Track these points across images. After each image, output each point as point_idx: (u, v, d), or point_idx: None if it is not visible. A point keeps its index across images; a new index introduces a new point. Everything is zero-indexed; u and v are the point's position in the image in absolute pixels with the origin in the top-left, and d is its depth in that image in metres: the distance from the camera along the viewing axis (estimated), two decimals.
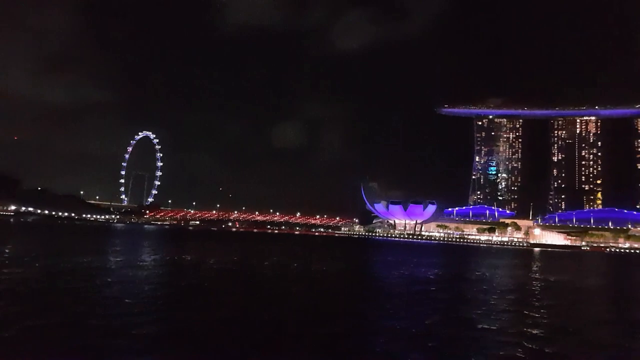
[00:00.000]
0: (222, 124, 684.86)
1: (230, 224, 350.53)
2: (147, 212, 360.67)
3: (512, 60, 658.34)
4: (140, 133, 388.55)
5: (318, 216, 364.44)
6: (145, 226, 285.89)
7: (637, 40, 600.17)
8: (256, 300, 31.03)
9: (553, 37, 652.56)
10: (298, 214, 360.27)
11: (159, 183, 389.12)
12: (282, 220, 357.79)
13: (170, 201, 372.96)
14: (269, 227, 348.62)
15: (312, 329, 23.17)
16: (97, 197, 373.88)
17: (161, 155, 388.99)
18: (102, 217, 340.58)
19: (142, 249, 73.54)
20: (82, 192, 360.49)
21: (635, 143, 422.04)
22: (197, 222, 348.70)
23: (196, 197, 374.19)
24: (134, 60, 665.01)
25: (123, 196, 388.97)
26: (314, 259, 74.75)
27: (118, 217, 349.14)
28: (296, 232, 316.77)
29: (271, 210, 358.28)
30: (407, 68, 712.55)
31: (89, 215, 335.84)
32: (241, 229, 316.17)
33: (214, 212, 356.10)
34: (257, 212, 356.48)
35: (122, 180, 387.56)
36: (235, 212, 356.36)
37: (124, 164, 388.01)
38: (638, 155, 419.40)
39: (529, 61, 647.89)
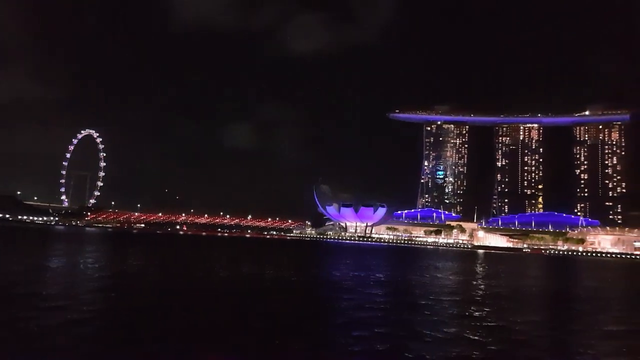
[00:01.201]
0: (170, 124, 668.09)
1: (177, 227, 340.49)
2: (89, 214, 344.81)
3: (461, 68, 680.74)
4: (82, 131, 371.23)
5: (270, 219, 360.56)
6: (87, 229, 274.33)
7: (577, 54, 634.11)
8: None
9: (502, 46, 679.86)
10: (249, 217, 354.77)
11: (102, 184, 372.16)
12: (232, 223, 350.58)
13: (113, 203, 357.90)
14: (219, 230, 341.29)
15: None
16: (36, 198, 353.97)
17: (104, 154, 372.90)
18: (41, 218, 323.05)
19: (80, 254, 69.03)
20: (19, 193, 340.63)
21: (574, 150, 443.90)
22: (142, 225, 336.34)
23: (141, 199, 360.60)
24: (77, 56, 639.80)
25: (63, 197, 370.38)
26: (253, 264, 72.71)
27: (57, 219, 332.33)
28: (247, 235, 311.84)
29: (221, 213, 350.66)
30: (360, 73, 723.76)
31: (25, 217, 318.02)
32: (189, 232, 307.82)
33: (160, 214, 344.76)
34: (206, 215, 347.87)
35: (63, 181, 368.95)
36: (183, 214, 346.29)
37: (65, 164, 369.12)
38: (577, 162, 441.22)
39: (478, 69, 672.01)
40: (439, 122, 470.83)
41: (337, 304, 32.13)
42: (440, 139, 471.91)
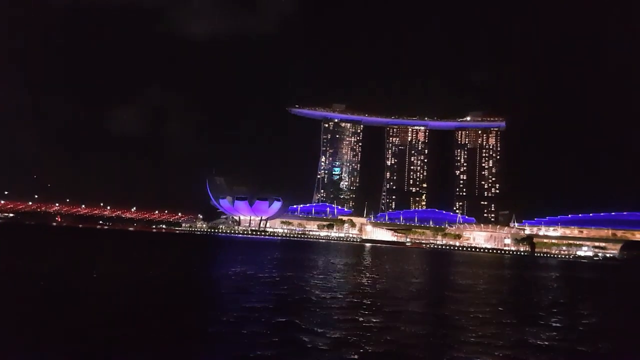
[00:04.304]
0: (45, 105, 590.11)
1: (52, 218, 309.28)
2: None
3: (358, 67, 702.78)
4: None
5: (157, 211, 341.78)
6: None
7: (461, 63, 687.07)
8: None
9: (392, 49, 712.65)
10: (134, 209, 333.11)
11: None
12: (114, 215, 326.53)
13: None
14: (99, 222, 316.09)
15: None
16: None
17: None
18: None
19: None
20: None
21: (456, 152, 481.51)
22: (10, 215, 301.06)
23: (8, 186, 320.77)
24: None
25: None
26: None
27: None
28: (131, 229, 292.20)
29: (101, 204, 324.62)
30: (260, 63, 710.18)
31: None
32: (64, 224, 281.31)
33: (30, 203, 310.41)
34: (83, 206, 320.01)
35: None
36: (57, 204, 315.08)
37: None
38: (457, 164, 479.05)
39: (373, 68, 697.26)
40: (336, 120, 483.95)
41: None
42: (337, 136, 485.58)
